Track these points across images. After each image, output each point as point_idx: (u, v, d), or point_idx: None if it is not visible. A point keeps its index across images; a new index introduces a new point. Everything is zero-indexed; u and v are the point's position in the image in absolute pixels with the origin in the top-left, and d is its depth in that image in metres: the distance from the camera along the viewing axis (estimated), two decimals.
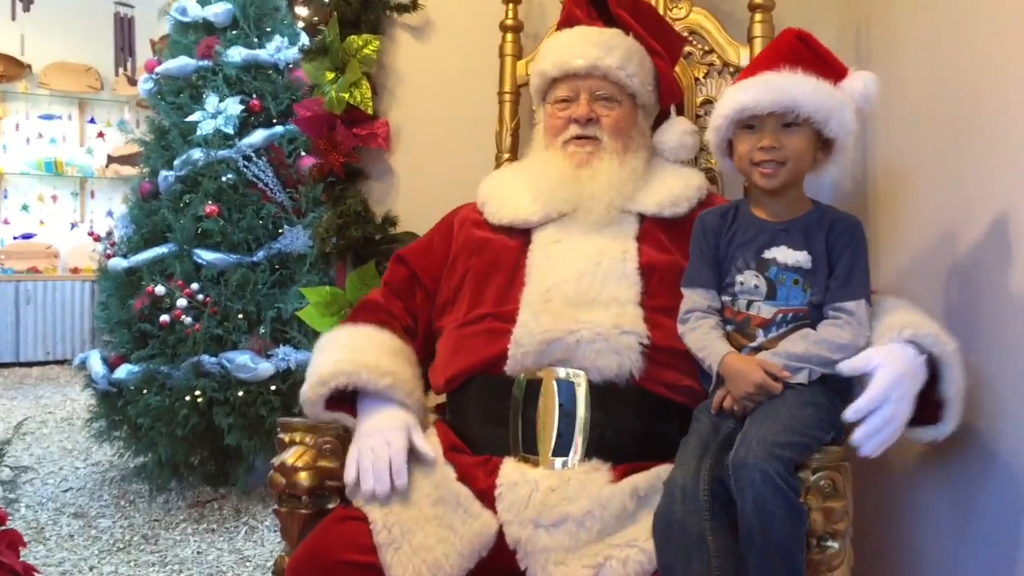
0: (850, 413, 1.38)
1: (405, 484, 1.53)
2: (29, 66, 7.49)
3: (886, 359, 1.40)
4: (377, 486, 1.52)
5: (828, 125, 1.51)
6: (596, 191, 1.70)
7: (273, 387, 3.68)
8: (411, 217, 2.23)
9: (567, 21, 1.90)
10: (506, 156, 2.11)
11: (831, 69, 1.56)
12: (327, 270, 2.49)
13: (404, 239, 2.18)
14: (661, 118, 1.89)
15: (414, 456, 1.57)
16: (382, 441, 1.56)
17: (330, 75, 2.20)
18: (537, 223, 1.74)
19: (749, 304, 1.53)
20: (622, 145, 1.75)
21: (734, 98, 1.55)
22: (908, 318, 1.48)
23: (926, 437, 1.51)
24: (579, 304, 1.60)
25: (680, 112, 1.96)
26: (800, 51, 1.57)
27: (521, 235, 1.75)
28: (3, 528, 2.14)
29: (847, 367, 1.43)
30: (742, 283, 1.54)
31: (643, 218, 1.73)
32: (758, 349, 1.50)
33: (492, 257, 1.74)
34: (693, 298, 1.58)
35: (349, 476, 1.55)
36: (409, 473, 1.55)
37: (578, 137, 1.75)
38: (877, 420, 1.36)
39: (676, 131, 1.83)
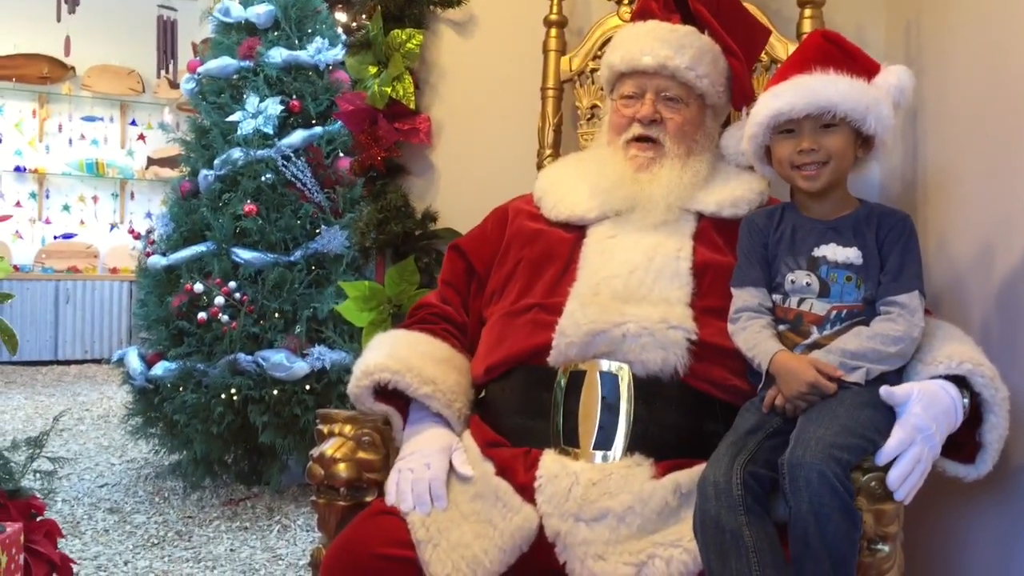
0: (880, 457, 1.33)
1: (444, 507, 1.51)
2: (73, 68, 7.61)
3: (920, 397, 1.37)
4: (418, 507, 1.51)
5: (866, 122, 1.50)
6: (655, 193, 1.67)
7: (308, 386, 3.68)
8: (451, 213, 2.22)
9: (641, 13, 1.84)
10: (548, 152, 2.09)
11: (862, 66, 1.53)
12: (363, 270, 2.49)
13: (444, 235, 2.17)
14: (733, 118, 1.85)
15: (454, 472, 1.56)
16: (422, 463, 1.55)
17: (373, 69, 2.19)
18: (594, 220, 1.71)
19: (801, 302, 1.50)
20: (685, 149, 1.71)
21: (768, 104, 1.53)
22: (967, 353, 1.44)
23: (961, 473, 1.48)
24: (628, 299, 1.57)
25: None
26: (829, 51, 1.54)
27: (576, 230, 1.72)
28: (41, 518, 2.16)
29: (888, 396, 1.38)
30: (793, 282, 1.51)
31: (701, 217, 1.70)
32: (812, 347, 1.47)
33: (545, 248, 1.72)
34: (744, 297, 1.55)
35: (390, 498, 1.54)
36: (447, 478, 1.54)
37: (640, 138, 1.72)
38: (907, 462, 1.32)
39: (737, 135, 1.75)
